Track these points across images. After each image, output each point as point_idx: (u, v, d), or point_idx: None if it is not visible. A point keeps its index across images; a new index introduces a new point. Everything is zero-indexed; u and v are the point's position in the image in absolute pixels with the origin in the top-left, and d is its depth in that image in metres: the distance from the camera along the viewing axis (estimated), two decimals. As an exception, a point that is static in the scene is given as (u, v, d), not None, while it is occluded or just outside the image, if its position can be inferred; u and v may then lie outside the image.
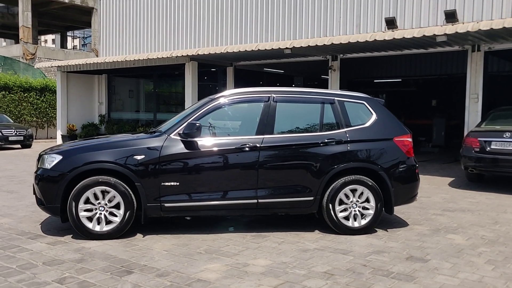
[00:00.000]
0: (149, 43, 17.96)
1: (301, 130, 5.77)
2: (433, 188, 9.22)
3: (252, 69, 17.14)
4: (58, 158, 5.26)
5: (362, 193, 5.63)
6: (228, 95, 5.73)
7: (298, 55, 14.05)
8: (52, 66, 18.60)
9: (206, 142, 5.44)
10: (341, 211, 5.61)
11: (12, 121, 18.92)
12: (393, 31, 10.53)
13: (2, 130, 17.03)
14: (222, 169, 5.44)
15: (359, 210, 5.64)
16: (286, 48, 11.96)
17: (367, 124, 5.83)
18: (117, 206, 5.25)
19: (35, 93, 21.73)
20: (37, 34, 31.35)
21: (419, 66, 19.49)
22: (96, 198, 5.22)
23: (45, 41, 67.29)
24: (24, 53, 25.51)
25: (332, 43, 10.96)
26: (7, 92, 20.86)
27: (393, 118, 5.98)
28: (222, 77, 16.91)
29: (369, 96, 6.08)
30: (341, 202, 5.62)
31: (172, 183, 5.30)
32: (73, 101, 19.27)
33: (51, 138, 22.21)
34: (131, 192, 5.24)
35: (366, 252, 4.95)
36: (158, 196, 5.29)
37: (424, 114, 19.30)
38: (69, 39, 64.96)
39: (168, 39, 17.41)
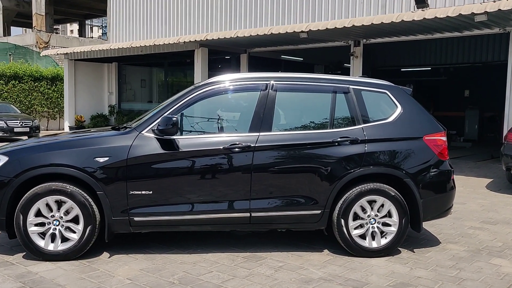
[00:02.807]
0: (158, 29, 16.96)
1: (307, 127, 4.64)
2: (468, 191, 7.96)
3: (268, 56, 15.97)
4: (3, 160, 4.27)
5: (382, 206, 4.49)
6: (215, 82, 4.63)
7: (317, 40, 12.81)
8: (58, 54, 17.82)
9: (186, 140, 4.38)
10: (355, 228, 4.48)
11: (20, 112, 18.25)
12: (423, 10, 9.21)
13: (7, 121, 16.37)
14: (206, 175, 4.37)
15: (378, 227, 4.51)
16: (302, 31, 10.77)
17: (390, 119, 4.66)
18: (75, 220, 4.24)
19: (46, 83, 21.05)
20: (52, 22, 30.77)
21: (450, 52, 17.93)
22: (50, 210, 4.22)
23: (71, 31, 67.38)
24: (37, 42, 24.89)
25: (353, 25, 9.73)
26: (17, 82, 20.22)
27: (423, 112, 4.79)
28: (236, 65, 15.80)
29: (392, 84, 4.90)
30: (356, 217, 4.49)
31: (143, 192, 4.26)
32: (82, 91, 18.47)
33: (63, 129, 21.55)
34: (92, 203, 4.22)
35: (386, 286, 3.81)
36: (126, 208, 4.26)
37: (455, 105, 17.81)
38: (94, 29, 64.95)
39: (178, 25, 16.37)
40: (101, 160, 4.22)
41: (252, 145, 4.37)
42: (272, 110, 4.52)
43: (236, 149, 4.35)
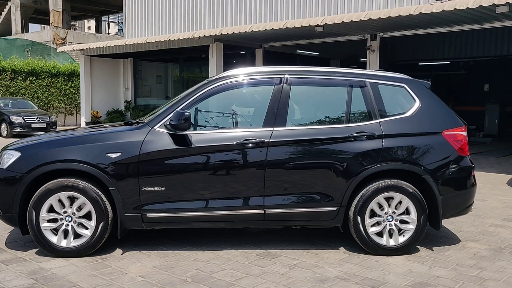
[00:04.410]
0: (173, 25, 16.92)
1: (322, 122, 4.53)
2: (489, 188, 7.75)
3: (284, 51, 15.81)
4: (16, 155, 4.25)
5: (400, 203, 4.37)
6: (228, 76, 4.54)
7: (332, 34, 12.61)
8: (74, 50, 17.91)
9: (199, 136, 4.30)
10: (372, 225, 4.36)
11: (37, 108, 18.43)
12: (442, 2, 8.97)
13: (25, 117, 16.55)
14: (219, 170, 4.29)
15: (395, 224, 4.38)
16: (317, 25, 10.60)
17: (408, 114, 4.51)
18: (87, 216, 4.20)
19: (62, 79, 21.23)
20: (69, 18, 31.01)
21: (470, 45, 17.53)
22: (62, 205, 4.19)
23: (88, 28, 67.93)
24: (54, 38, 25.10)
25: (369, 18, 9.53)
26: (34, 78, 20.44)
27: (442, 106, 4.64)
28: (251, 60, 15.68)
29: (410, 78, 4.75)
30: (373, 214, 4.37)
31: (156, 188, 4.20)
32: (98, 87, 18.56)
33: (80, 125, 21.72)
34: (104, 199, 4.18)
35: (404, 286, 3.69)
36: (138, 205, 4.21)
37: (474, 99, 17.43)
38: (111, 25, 65.34)
39: (193, 20, 16.30)
40: (113, 155, 4.16)
41: (266, 140, 4.27)
42: (287, 105, 4.42)
43: (250, 145, 4.26)
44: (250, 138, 4.27)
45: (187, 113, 4.15)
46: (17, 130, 16.42)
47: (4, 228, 5.11)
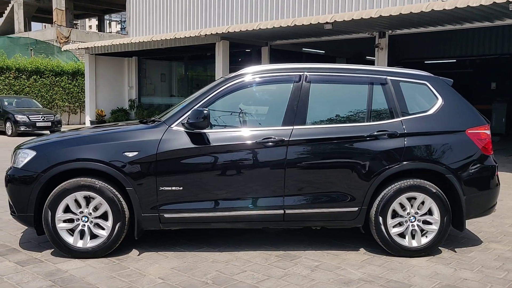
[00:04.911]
0: (178, 23, 16.81)
1: (343, 120, 4.43)
2: (503, 187, 7.56)
3: (289, 49, 15.71)
4: (31, 154, 4.16)
5: (423, 203, 4.27)
6: (246, 74, 4.44)
7: (341, 32, 12.51)
8: (79, 48, 17.82)
9: (216, 134, 4.20)
10: (394, 226, 4.27)
11: (41, 106, 18.36)
12: (454, -1, 8.86)
13: (30, 116, 16.48)
14: (237, 170, 4.19)
15: (418, 225, 4.28)
16: (326, 23, 10.51)
17: (431, 112, 4.42)
18: (104, 216, 4.11)
19: (66, 77, 21.16)
20: (72, 17, 30.92)
21: (476, 43, 17.43)
22: (78, 206, 4.10)
23: (90, 26, 67.87)
24: (58, 36, 25.01)
25: (380, 16, 9.43)
26: (38, 77, 20.38)
27: (465, 103, 4.54)
28: (257, 58, 15.59)
29: (432, 75, 4.65)
30: (395, 215, 4.28)
31: (174, 188, 4.11)
32: (102, 85, 18.47)
33: (84, 123, 21.65)
34: (121, 199, 4.09)
35: (431, 288, 3.60)
36: (155, 205, 4.12)
37: (481, 98, 17.29)
38: (112, 24, 65.24)
39: (198, 18, 16.20)
40: (130, 154, 4.07)
41: (285, 139, 4.18)
42: (306, 103, 4.32)
43: (269, 143, 4.16)
44: (270, 136, 4.17)
45: (206, 111, 4.06)
46: (22, 129, 16.36)
47: (17, 228, 5.03)
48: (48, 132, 17.10)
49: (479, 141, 4.38)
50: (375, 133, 4.28)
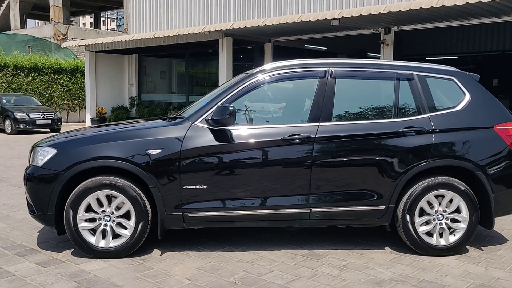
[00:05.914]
0: (180, 19, 16.66)
1: (369, 116, 4.33)
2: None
3: (292, 45, 15.61)
4: (51, 152, 4.04)
5: (451, 201, 4.19)
6: (270, 69, 4.34)
7: (346, 28, 12.43)
8: (79, 45, 17.63)
9: (242, 131, 4.10)
10: (422, 224, 4.19)
11: (41, 104, 18.16)
12: (465, -6, 8.79)
13: (29, 113, 16.29)
14: (263, 168, 4.09)
15: (446, 223, 4.21)
16: (334, 18, 10.42)
17: (458, 108, 4.34)
18: (126, 216, 4.01)
19: (65, 75, 20.97)
20: (69, 14, 30.64)
21: (478, 40, 17.40)
22: (100, 205, 3.99)
23: (84, 24, 67.41)
24: (55, 34, 24.77)
25: (389, 11, 9.35)
26: (37, 74, 20.16)
27: (493, 99, 4.47)
28: (259, 55, 15.48)
29: (459, 70, 4.57)
30: (423, 213, 4.20)
31: (198, 186, 4.01)
32: (103, 83, 18.29)
33: (83, 121, 21.47)
34: (144, 198, 3.98)
35: (466, 288, 3.53)
36: (179, 203, 4.02)
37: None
38: (107, 21, 64.81)
39: (201, 14, 16.06)
40: (153, 152, 3.97)
41: (312, 136, 4.08)
42: (332, 99, 4.23)
43: (296, 140, 4.07)
44: (296, 133, 4.08)
45: (231, 107, 3.96)
46: (21, 127, 16.17)
47: (32, 228, 4.92)
48: (48, 130, 16.93)
49: (507, 138, 4.30)
50: (402, 129, 4.19)
